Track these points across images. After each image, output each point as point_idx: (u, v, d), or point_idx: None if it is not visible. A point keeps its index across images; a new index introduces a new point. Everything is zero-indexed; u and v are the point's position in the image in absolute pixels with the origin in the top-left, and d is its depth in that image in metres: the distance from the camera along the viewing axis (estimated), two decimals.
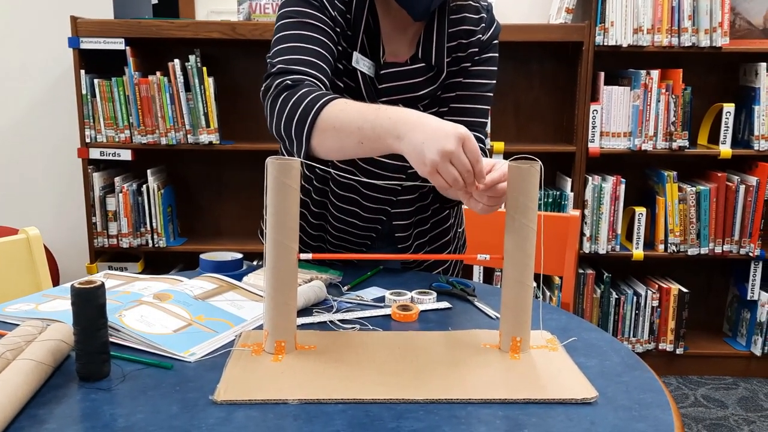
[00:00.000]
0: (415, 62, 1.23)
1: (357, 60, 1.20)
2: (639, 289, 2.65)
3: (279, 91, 1.10)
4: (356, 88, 1.23)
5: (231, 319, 1.05)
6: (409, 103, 1.24)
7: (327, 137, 1.03)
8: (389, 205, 1.32)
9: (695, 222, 2.55)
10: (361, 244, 1.38)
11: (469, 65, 1.26)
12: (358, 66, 1.20)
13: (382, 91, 1.23)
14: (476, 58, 1.26)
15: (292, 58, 1.13)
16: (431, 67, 1.23)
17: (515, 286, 0.95)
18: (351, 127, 1.00)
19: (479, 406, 0.81)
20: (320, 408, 0.80)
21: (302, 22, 1.16)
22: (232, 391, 0.82)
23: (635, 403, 0.83)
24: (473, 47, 1.25)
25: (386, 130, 0.96)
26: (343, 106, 1.02)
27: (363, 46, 1.22)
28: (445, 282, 1.27)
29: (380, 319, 1.10)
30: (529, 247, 0.94)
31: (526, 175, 0.92)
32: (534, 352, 0.96)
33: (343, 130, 1.01)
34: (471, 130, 1.27)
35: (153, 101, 2.42)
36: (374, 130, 0.97)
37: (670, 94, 2.45)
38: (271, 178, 0.91)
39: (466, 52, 1.25)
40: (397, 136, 0.95)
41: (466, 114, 1.27)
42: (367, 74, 1.21)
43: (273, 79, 1.12)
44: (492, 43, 1.27)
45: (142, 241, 2.53)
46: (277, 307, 0.93)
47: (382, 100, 1.23)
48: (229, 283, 1.18)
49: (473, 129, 1.27)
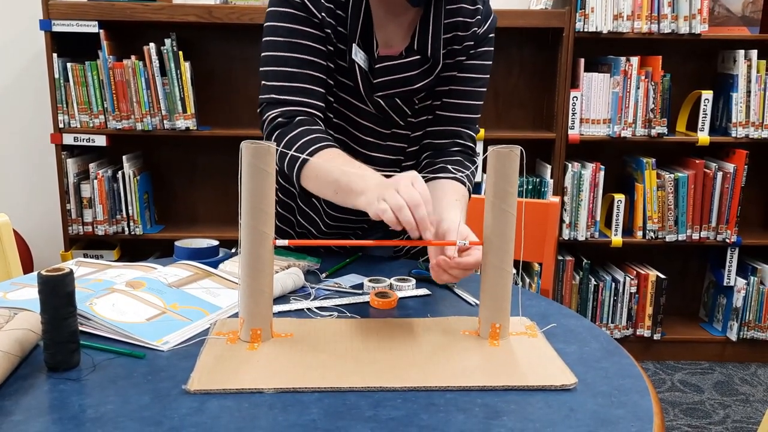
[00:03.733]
0: (410, 54, 1.20)
1: (356, 52, 1.17)
2: (617, 275, 2.67)
3: (273, 128, 1.15)
4: (352, 87, 1.20)
5: (206, 307, 1.03)
6: (406, 97, 1.22)
7: (310, 182, 1.11)
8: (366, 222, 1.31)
9: (673, 209, 2.56)
10: (353, 234, 1.36)
11: (463, 59, 1.23)
12: (356, 59, 1.17)
13: (377, 86, 1.20)
14: (471, 52, 1.23)
15: (284, 87, 1.15)
16: (426, 58, 1.20)
17: (495, 272, 0.94)
18: (329, 179, 1.06)
19: (458, 394, 0.80)
20: (296, 397, 0.78)
21: (292, 43, 1.14)
22: (205, 381, 0.81)
23: (614, 389, 0.83)
24: (468, 40, 1.22)
25: (356, 188, 1.01)
26: (326, 159, 1.07)
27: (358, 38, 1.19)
28: (425, 269, 1.26)
29: (358, 306, 1.08)
30: (508, 232, 0.93)
31: (506, 161, 0.91)
32: (513, 339, 0.96)
33: (324, 180, 1.08)
34: (462, 127, 1.28)
35: (128, 86, 2.37)
36: (349, 186, 1.02)
37: (649, 81, 2.46)
38: (245, 163, 0.88)
39: (461, 45, 1.22)
40: (361, 192, 0.99)
41: (458, 110, 1.25)
42: (363, 68, 1.19)
43: (267, 109, 1.16)
44: (488, 37, 1.24)
45: (118, 228, 2.49)
46: (253, 295, 0.91)
47: (378, 95, 1.20)
48: (204, 271, 1.16)
49: (464, 125, 1.26)
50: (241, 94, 2.66)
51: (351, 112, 1.22)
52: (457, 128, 1.25)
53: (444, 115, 1.25)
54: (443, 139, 1.25)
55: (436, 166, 1.23)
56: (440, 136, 1.26)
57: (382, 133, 1.25)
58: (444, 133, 1.25)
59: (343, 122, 1.23)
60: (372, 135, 1.24)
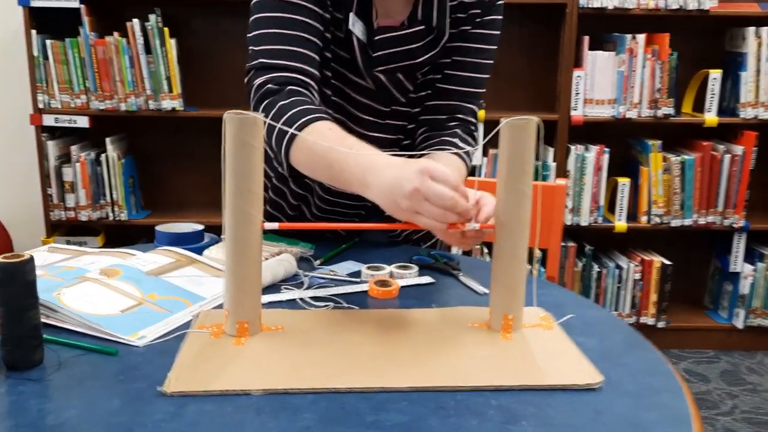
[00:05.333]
0: (412, 24, 1.09)
1: (353, 23, 1.06)
2: (621, 262, 2.59)
3: (261, 96, 1.02)
4: (349, 60, 1.10)
5: (188, 297, 0.94)
6: (407, 72, 1.12)
7: (301, 163, 0.99)
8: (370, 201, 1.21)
9: (679, 192, 2.47)
10: (350, 220, 1.26)
11: (469, 28, 1.12)
12: (354, 30, 1.07)
13: (376, 60, 1.10)
14: (477, 21, 1.12)
15: (274, 50, 1.03)
16: (431, 29, 1.09)
17: (508, 259, 0.85)
18: (322, 162, 0.94)
19: (469, 395, 0.71)
20: (287, 400, 0.69)
21: (284, 2, 1.03)
22: (184, 381, 0.71)
23: (643, 388, 0.74)
24: (474, 8, 1.11)
25: (355, 176, 0.89)
26: (319, 135, 0.94)
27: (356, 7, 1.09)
28: (427, 255, 1.17)
29: (356, 296, 0.99)
30: (523, 214, 0.84)
31: (520, 134, 0.82)
32: (527, 332, 0.87)
33: (315, 163, 0.96)
34: (463, 102, 1.17)
35: (111, 64, 2.26)
36: (343, 173, 0.91)
37: (656, 60, 2.36)
38: (229, 136, 0.79)
39: (466, 13, 1.11)
40: (366, 184, 0.88)
41: (461, 83, 1.15)
42: (361, 40, 1.08)
43: (255, 76, 1.04)
44: (496, 4, 1.13)
45: (101, 214, 2.39)
46: (239, 283, 0.81)
47: (378, 70, 1.10)
48: (187, 257, 1.07)
49: (466, 100, 1.16)
50: (230, 73, 2.54)
51: (348, 88, 1.12)
52: (457, 103, 1.15)
53: (445, 88, 1.14)
54: (442, 114, 1.15)
55: (431, 141, 1.14)
56: (439, 111, 1.16)
57: (381, 111, 1.15)
58: (443, 108, 1.15)
59: (339, 99, 1.13)
60: (370, 113, 1.14)
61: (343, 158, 0.89)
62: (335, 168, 0.90)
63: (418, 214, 0.81)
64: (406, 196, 0.80)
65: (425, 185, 0.79)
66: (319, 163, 0.94)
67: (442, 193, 0.79)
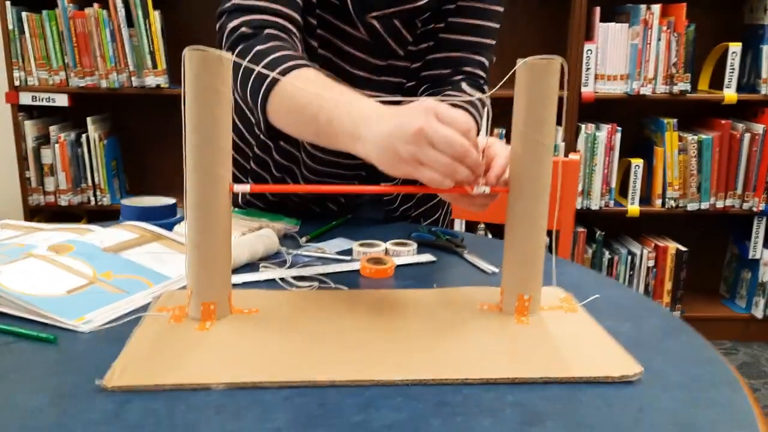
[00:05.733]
0: None
1: None
2: (633, 248, 2.45)
3: (234, 41, 0.88)
4: (339, 6, 0.96)
5: (150, 276, 0.80)
6: (406, 19, 0.98)
7: (282, 117, 0.85)
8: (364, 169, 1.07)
9: (696, 174, 2.33)
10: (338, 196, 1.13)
11: None
12: None
13: (369, 4, 0.96)
14: None
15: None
16: None
17: (524, 227, 0.71)
18: (306, 114, 0.79)
19: (480, 389, 0.58)
20: (255, 396, 0.56)
21: None
22: (130, 373, 0.58)
23: (691, 380, 0.61)
24: None
25: (344, 128, 0.74)
26: (302, 83, 0.80)
27: None
28: (428, 232, 1.03)
29: (346, 275, 0.86)
30: (544, 173, 0.70)
31: (542, 76, 0.68)
32: (546, 315, 0.73)
33: (298, 115, 0.81)
34: (474, 53, 1.02)
35: (90, 38, 2.12)
36: (331, 124, 0.76)
37: (671, 32, 2.22)
38: (190, 78, 0.65)
39: None
40: (358, 137, 0.72)
41: (468, 32, 1.01)
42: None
43: (228, 20, 0.90)
44: None
45: (83, 198, 2.25)
46: (204, 257, 0.68)
47: (372, 16, 0.96)
48: (153, 233, 0.93)
49: (475, 51, 1.02)
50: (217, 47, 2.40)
51: (338, 38, 0.98)
52: (464, 54, 1.01)
53: (449, 38, 1.00)
54: (445, 68, 1.01)
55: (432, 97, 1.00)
56: (442, 64, 1.01)
57: (376, 66, 1.01)
58: (447, 60, 1.01)
59: (327, 52, 0.99)
60: (364, 68, 1.01)
61: (332, 107, 0.75)
62: (321, 120, 0.76)
63: (422, 166, 0.67)
64: (408, 140, 0.66)
65: (431, 126, 0.65)
66: (303, 114, 0.79)
67: (451, 138, 0.65)
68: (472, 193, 0.70)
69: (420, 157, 0.67)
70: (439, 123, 0.66)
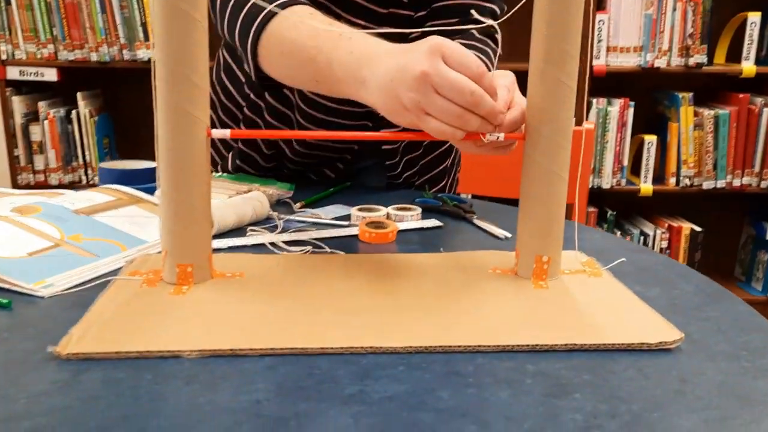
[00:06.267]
0: None
1: None
2: (646, 228, 2.36)
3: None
4: None
5: (124, 240, 0.72)
6: None
7: (274, 62, 0.75)
8: (370, 119, 0.98)
9: (711, 151, 2.24)
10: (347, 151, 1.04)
11: None
12: None
13: None
14: None
15: None
16: None
17: (543, 179, 0.63)
18: (302, 56, 0.70)
19: (495, 358, 0.50)
20: (233, 364, 0.48)
21: None
22: (90, 340, 0.50)
23: (740, 348, 0.53)
24: None
25: (346, 69, 0.65)
26: (296, 23, 0.71)
27: None
28: (432, 197, 0.95)
29: (343, 240, 0.78)
30: (566, 118, 0.62)
31: (563, 4, 0.59)
32: (568, 279, 0.65)
33: (293, 58, 0.72)
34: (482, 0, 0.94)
35: (80, 9, 2.04)
36: (331, 66, 0.67)
37: (688, 2, 2.12)
38: (159, 3, 0.57)
39: None
40: (362, 81, 0.64)
41: None
42: None
43: None
44: None
45: (74, 177, 2.17)
46: (179, 212, 0.60)
47: None
48: (131, 196, 0.85)
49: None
50: None
51: None
52: (473, 1, 0.92)
53: None
54: (452, 16, 0.92)
55: None
56: (449, 12, 0.93)
57: (377, 14, 0.92)
58: (454, 7, 0.93)
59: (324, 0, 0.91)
60: (364, 17, 0.92)
61: (331, 48, 0.66)
62: (320, 62, 0.67)
63: (427, 116, 0.59)
64: (410, 86, 0.57)
65: (437, 69, 0.56)
66: (298, 57, 0.70)
67: (461, 83, 0.56)
68: (484, 140, 0.61)
69: (425, 106, 0.58)
70: (447, 66, 0.57)
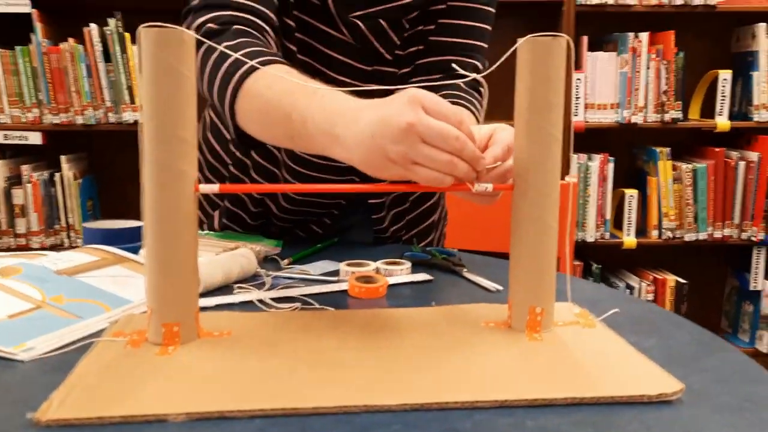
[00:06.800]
0: None
1: None
2: (631, 281, 2.36)
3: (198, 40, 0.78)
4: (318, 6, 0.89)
5: (108, 300, 0.70)
6: (392, 18, 0.90)
7: (251, 119, 0.75)
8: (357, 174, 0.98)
9: (692, 204, 2.27)
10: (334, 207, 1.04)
11: None
12: None
13: (352, 3, 0.88)
14: None
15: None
16: None
17: (532, 229, 0.62)
18: (277, 113, 0.70)
19: (494, 414, 0.48)
20: (222, 427, 0.46)
21: None
22: (71, 405, 0.48)
23: (743, 399, 0.51)
24: None
25: (319, 126, 0.64)
26: (272, 81, 0.71)
27: None
28: (421, 251, 0.95)
29: (332, 296, 0.77)
30: (552, 167, 0.62)
31: (546, 55, 0.61)
32: (562, 330, 0.64)
33: (268, 115, 0.72)
34: (465, 56, 0.93)
35: (66, 74, 2.05)
36: (304, 123, 0.66)
37: (660, 60, 2.18)
38: (147, 59, 0.57)
39: None
40: (335, 137, 0.63)
41: (457, 33, 0.94)
42: None
43: (194, 17, 0.82)
44: None
45: (56, 240, 2.14)
46: (165, 269, 0.59)
47: (355, 15, 0.89)
48: (115, 255, 0.83)
49: (468, 54, 0.95)
50: None
51: (319, 41, 0.91)
52: (456, 58, 0.94)
53: (439, 41, 0.93)
54: (437, 73, 0.94)
55: None
56: (434, 69, 0.94)
57: (361, 72, 0.94)
58: (439, 65, 0.94)
59: (307, 57, 0.92)
60: (348, 74, 0.93)
61: (305, 105, 0.66)
62: (294, 119, 0.66)
63: (416, 165, 0.58)
64: (396, 139, 0.57)
65: (421, 119, 0.57)
66: (274, 114, 0.69)
67: (445, 131, 0.57)
68: (473, 190, 0.61)
69: (413, 156, 0.58)
70: (429, 116, 0.58)
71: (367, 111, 0.61)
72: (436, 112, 0.58)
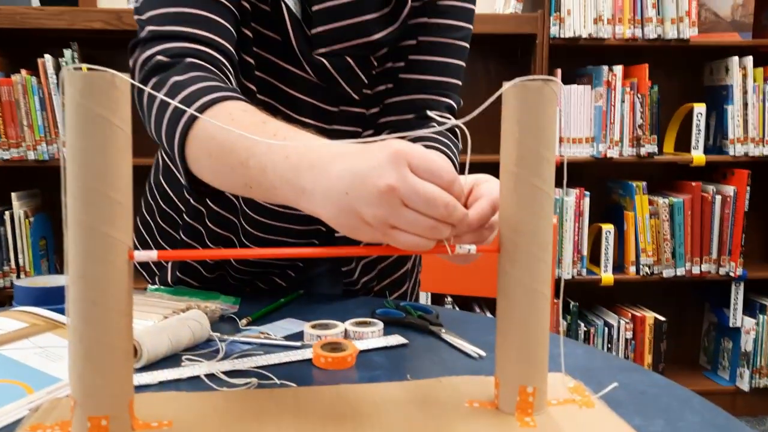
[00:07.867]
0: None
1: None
2: (610, 319, 2.30)
3: (146, 74, 0.71)
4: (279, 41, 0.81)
5: (31, 379, 0.61)
6: (359, 56, 0.83)
7: (203, 165, 0.66)
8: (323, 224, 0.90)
9: (669, 239, 2.23)
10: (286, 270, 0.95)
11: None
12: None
13: (316, 39, 0.81)
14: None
15: (169, 13, 0.73)
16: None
17: (522, 297, 0.55)
18: (232, 159, 0.60)
19: None
20: None
21: None
22: None
23: None
24: None
25: (282, 177, 0.56)
26: (227, 119, 0.62)
27: None
28: (394, 307, 0.86)
29: (295, 367, 0.68)
30: (544, 227, 0.54)
31: (535, 102, 0.53)
32: (556, 412, 0.56)
33: (222, 161, 0.62)
34: (439, 95, 0.85)
35: (17, 107, 1.95)
36: (264, 172, 0.57)
37: (635, 93, 2.16)
38: (71, 106, 0.48)
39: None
40: (301, 190, 0.54)
41: (429, 70, 0.87)
42: (294, 11, 0.80)
43: (141, 50, 0.74)
44: None
45: (5, 282, 2.01)
46: (91, 354, 0.49)
47: (320, 53, 0.81)
48: (48, 321, 0.74)
49: (441, 93, 0.87)
50: None
51: (279, 81, 0.83)
52: (428, 96, 0.86)
53: (410, 78, 0.86)
54: (408, 113, 0.86)
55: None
56: (405, 109, 0.87)
57: (327, 113, 0.86)
58: (410, 104, 0.86)
59: (268, 97, 0.84)
60: (313, 115, 0.85)
61: (264, 150, 0.57)
62: (252, 167, 0.58)
63: (394, 230, 0.50)
64: (374, 202, 0.49)
65: (405, 182, 0.48)
66: (228, 160, 0.60)
67: (434, 197, 0.49)
68: (454, 253, 0.53)
69: (393, 222, 0.50)
70: (414, 176, 0.50)
71: (340, 161, 0.52)
72: (425, 171, 0.49)
